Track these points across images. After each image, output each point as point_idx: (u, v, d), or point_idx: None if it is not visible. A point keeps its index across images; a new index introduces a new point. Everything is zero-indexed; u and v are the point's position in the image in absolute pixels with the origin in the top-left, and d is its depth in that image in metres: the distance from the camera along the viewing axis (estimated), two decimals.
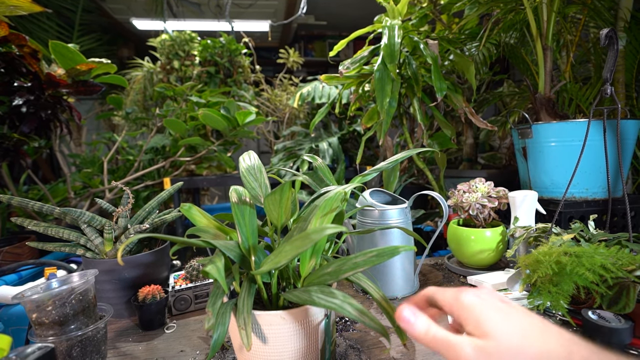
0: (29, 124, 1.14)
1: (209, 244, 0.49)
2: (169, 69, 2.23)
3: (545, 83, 1.09)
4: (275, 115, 2.31)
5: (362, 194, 0.86)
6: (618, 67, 1.14)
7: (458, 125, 1.76)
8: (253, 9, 3.44)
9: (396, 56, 1.04)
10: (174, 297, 0.77)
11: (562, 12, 1.21)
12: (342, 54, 4.08)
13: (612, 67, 0.85)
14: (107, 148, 2.49)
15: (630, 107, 1.21)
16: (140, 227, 0.78)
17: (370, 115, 1.32)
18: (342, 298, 0.42)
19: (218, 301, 0.45)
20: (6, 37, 1.00)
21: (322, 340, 0.51)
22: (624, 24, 1.13)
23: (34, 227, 0.75)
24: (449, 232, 0.97)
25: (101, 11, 3.28)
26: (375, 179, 1.74)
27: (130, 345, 0.67)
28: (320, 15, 3.84)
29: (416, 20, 1.37)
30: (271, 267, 0.43)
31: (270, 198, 0.48)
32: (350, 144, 2.22)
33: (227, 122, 1.55)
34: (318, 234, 0.40)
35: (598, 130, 0.95)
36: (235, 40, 2.22)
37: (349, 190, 0.55)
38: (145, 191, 1.96)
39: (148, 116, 2.28)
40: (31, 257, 1.17)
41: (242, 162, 0.61)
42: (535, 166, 1.09)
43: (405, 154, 0.72)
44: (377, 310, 0.77)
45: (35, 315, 0.53)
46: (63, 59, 1.14)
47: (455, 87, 1.19)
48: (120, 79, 1.30)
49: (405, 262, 0.82)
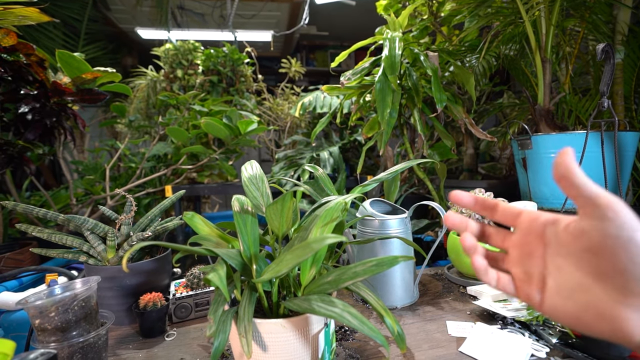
0: (33, 131, 1.16)
1: (211, 252, 0.50)
2: (172, 77, 2.26)
3: (545, 95, 1.11)
4: (276, 124, 2.33)
5: (363, 204, 0.86)
6: (617, 79, 1.16)
7: (458, 136, 1.77)
8: (256, 19, 3.49)
9: (397, 67, 1.06)
10: (174, 304, 0.77)
11: (561, 25, 1.23)
12: (343, 64, 4.12)
13: (608, 81, 0.87)
14: (109, 155, 2.51)
15: (629, 119, 1.22)
16: (143, 235, 0.78)
17: (371, 125, 1.33)
18: (342, 307, 0.43)
19: (220, 309, 0.46)
20: (14, 46, 1.02)
21: (322, 349, 0.51)
22: (622, 37, 1.15)
23: (38, 233, 0.76)
24: (448, 242, 0.97)
25: (106, 20, 3.33)
26: (376, 188, 1.75)
27: (131, 352, 0.67)
28: (322, 25, 3.89)
29: (417, 32, 1.40)
30: (272, 275, 0.43)
31: (272, 207, 0.49)
32: (351, 154, 2.23)
33: (229, 131, 1.56)
34: (318, 243, 0.41)
35: (597, 142, 0.96)
36: (238, 50, 2.25)
37: (349, 200, 0.56)
38: (147, 198, 1.97)
39: (151, 124, 2.30)
40: (32, 263, 1.17)
41: (245, 171, 0.62)
42: (535, 177, 1.09)
43: (406, 164, 0.73)
44: (377, 320, 0.77)
45: (39, 321, 0.54)
46: (69, 68, 1.16)
47: (455, 98, 1.21)
48: (125, 88, 1.32)
49: (405, 272, 0.83)
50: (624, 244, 0.25)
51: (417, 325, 0.73)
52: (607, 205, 0.26)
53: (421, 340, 0.67)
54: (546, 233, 0.30)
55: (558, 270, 0.29)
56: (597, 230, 0.26)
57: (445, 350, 0.63)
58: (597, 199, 0.26)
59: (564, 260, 0.29)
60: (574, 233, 0.28)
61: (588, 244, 0.27)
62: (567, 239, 0.28)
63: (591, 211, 0.26)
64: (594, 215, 0.26)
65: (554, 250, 0.29)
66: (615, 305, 0.25)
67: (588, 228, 0.27)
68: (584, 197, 0.27)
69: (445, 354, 0.62)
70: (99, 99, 1.23)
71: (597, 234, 0.26)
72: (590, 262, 0.27)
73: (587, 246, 0.27)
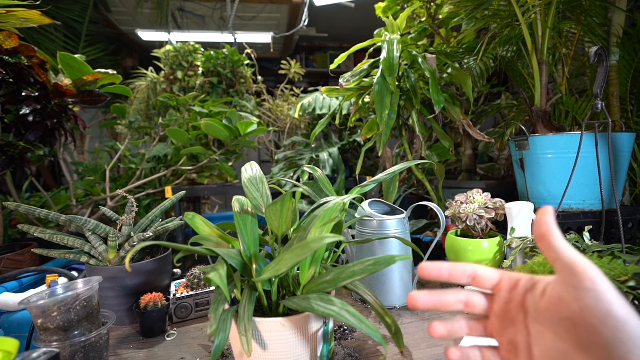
0: (35, 133, 1.17)
1: (212, 252, 0.50)
2: (172, 79, 2.27)
3: (542, 96, 1.12)
4: (276, 125, 2.34)
5: (361, 205, 0.87)
6: (612, 81, 1.17)
7: (457, 137, 1.78)
8: (256, 21, 3.50)
9: (395, 70, 1.07)
10: (175, 304, 0.78)
11: (557, 28, 1.24)
12: (342, 66, 4.13)
13: (602, 83, 0.88)
14: (109, 156, 2.52)
15: (625, 120, 1.23)
16: (144, 236, 0.79)
17: (370, 126, 1.34)
18: (341, 305, 0.44)
19: (220, 308, 0.46)
20: (16, 48, 1.03)
21: (321, 347, 0.52)
22: (617, 40, 1.16)
23: (40, 234, 0.77)
24: (447, 242, 0.98)
25: (107, 22, 3.35)
26: (375, 189, 1.76)
27: (132, 352, 0.68)
28: (322, 27, 3.91)
29: (415, 34, 1.41)
30: (272, 275, 0.44)
31: (272, 208, 0.50)
32: (350, 154, 2.24)
33: (229, 132, 1.57)
34: (317, 243, 0.42)
35: (593, 143, 0.97)
36: (238, 52, 2.26)
37: (347, 201, 0.56)
38: (147, 199, 1.97)
39: (151, 125, 2.30)
40: (33, 264, 1.17)
41: (245, 172, 0.62)
42: (533, 177, 1.10)
43: (404, 165, 0.74)
44: (376, 320, 0.78)
45: (41, 320, 0.55)
46: (70, 70, 1.17)
47: (453, 100, 1.22)
48: (125, 89, 1.33)
49: (403, 272, 0.84)
50: (602, 318, 0.23)
51: (416, 324, 0.74)
52: (584, 274, 0.25)
53: (419, 339, 0.68)
54: (526, 299, 0.29)
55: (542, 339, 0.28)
56: (575, 300, 0.25)
57: (443, 349, 0.64)
58: (574, 267, 0.25)
59: (543, 328, 0.27)
60: (552, 300, 0.27)
61: (567, 314, 0.25)
62: (546, 306, 0.27)
63: (568, 278, 0.26)
64: (571, 284, 0.25)
65: (535, 318, 0.28)
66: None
67: (566, 296, 0.26)
68: (562, 263, 0.26)
69: (443, 352, 0.62)
70: (100, 101, 1.24)
71: (575, 304, 0.25)
72: (569, 332, 0.25)
73: (566, 316, 0.25)
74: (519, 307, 0.30)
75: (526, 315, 0.29)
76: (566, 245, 0.27)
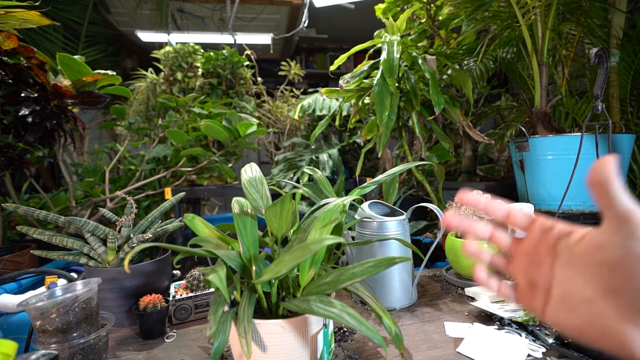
0: (34, 134, 1.16)
1: (211, 254, 0.50)
2: (172, 80, 2.27)
3: (541, 97, 1.12)
4: (276, 126, 2.34)
5: (361, 206, 0.87)
6: (612, 82, 1.17)
7: (457, 138, 1.78)
8: (256, 22, 3.51)
9: (395, 71, 1.07)
10: (174, 306, 0.78)
11: (557, 29, 1.24)
12: (342, 67, 4.14)
13: (602, 85, 0.88)
14: (109, 157, 2.51)
15: (625, 122, 1.23)
16: (143, 237, 0.79)
17: (369, 127, 1.34)
18: (340, 307, 0.43)
19: (219, 309, 0.46)
20: (15, 49, 1.03)
21: (321, 349, 0.52)
22: (617, 41, 1.16)
23: (39, 235, 0.77)
24: (446, 244, 0.98)
25: (106, 23, 3.35)
26: (375, 190, 1.76)
27: (131, 354, 0.67)
28: (322, 28, 3.91)
29: (415, 35, 1.41)
30: (271, 276, 0.44)
31: (271, 210, 0.50)
32: (350, 156, 2.24)
33: (229, 133, 1.57)
34: (317, 244, 0.42)
35: (593, 144, 0.97)
36: (237, 53, 2.26)
37: (347, 202, 0.56)
38: (146, 201, 1.97)
39: (150, 126, 2.30)
40: (31, 265, 1.17)
41: (244, 174, 0.62)
42: (533, 179, 1.10)
43: (404, 166, 0.74)
44: (375, 321, 0.77)
45: (40, 322, 0.54)
46: (69, 71, 1.16)
47: (453, 101, 1.22)
48: (125, 90, 1.32)
49: (403, 273, 0.83)
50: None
51: (416, 326, 0.74)
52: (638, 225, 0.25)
53: (419, 340, 0.67)
54: (559, 244, 0.30)
55: (566, 282, 0.29)
56: (620, 247, 0.25)
57: (443, 350, 0.63)
58: (629, 216, 0.25)
59: (574, 272, 0.28)
60: (591, 246, 0.27)
61: (606, 258, 0.26)
62: (582, 252, 0.28)
63: (618, 226, 0.26)
64: (620, 231, 0.26)
65: (565, 261, 0.29)
66: (621, 322, 0.25)
67: (609, 242, 0.26)
68: (615, 211, 0.26)
69: (443, 354, 0.62)
70: (99, 102, 1.24)
71: (619, 250, 0.25)
72: (603, 277, 0.26)
73: (605, 260, 0.26)
74: (550, 250, 0.31)
75: (554, 258, 0.30)
76: (624, 196, 0.26)
